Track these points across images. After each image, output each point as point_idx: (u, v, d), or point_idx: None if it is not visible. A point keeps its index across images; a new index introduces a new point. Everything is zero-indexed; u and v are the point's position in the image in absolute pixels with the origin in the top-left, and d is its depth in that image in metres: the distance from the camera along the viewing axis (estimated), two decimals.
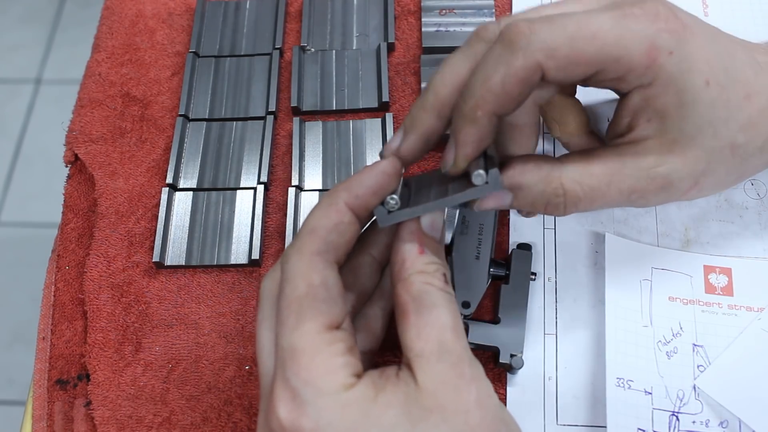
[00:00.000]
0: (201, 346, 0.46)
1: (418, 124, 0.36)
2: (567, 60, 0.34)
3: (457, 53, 0.37)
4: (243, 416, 0.43)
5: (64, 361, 0.46)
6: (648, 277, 0.44)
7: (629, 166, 0.37)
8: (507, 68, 0.33)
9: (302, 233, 0.34)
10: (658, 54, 0.34)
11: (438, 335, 0.32)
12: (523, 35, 0.33)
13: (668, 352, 0.41)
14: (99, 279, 0.48)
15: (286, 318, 0.32)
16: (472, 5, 0.56)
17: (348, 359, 0.32)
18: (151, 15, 0.59)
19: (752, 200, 0.47)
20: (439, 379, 0.31)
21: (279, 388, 0.31)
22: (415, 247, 0.34)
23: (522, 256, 0.44)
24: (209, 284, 0.47)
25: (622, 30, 0.34)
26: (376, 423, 0.30)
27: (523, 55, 0.33)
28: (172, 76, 0.56)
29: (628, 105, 0.37)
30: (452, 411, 0.31)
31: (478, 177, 0.34)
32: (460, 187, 0.35)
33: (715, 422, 0.39)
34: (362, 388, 0.31)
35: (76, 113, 0.55)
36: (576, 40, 0.33)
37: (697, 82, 0.35)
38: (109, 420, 0.44)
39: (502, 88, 0.34)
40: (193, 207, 0.50)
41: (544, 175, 0.37)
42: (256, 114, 0.53)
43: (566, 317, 0.44)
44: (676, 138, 0.36)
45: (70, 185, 0.53)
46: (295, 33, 0.57)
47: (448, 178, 0.37)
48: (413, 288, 0.33)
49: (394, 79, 0.54)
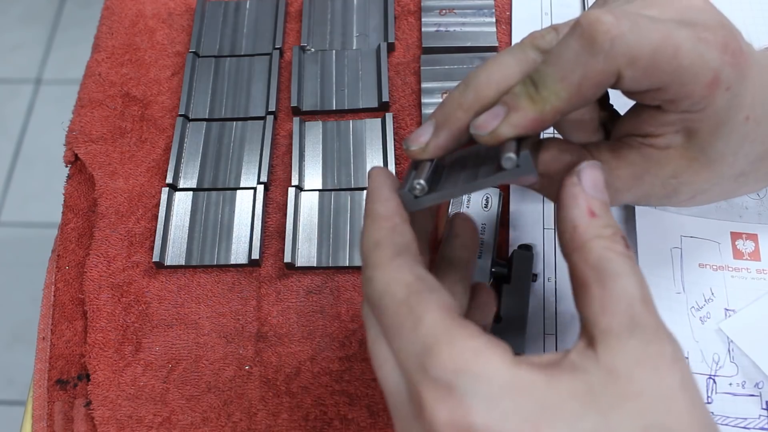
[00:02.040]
0: (201, 346, 0.46)
1: (453, 122, 0.34)
2: (644, 72, 0.31)
3: (506, 55, 0.34)
4: (243, 416, 0.43)
5: (64, 361, 0.46)
6: (678, 245, 0.45)
7: (651, 173, 0.36)
8: (585, 70, 0.31)
9: (370, 249, 0.31)
10: (718, 87, 0.32)
11: (627, 308, 0.27)
12: (608, 36, 0.30)
13: (701, 318, 0.42)
14: (99, 279, 0.48)
15: (402, 323, 0.28)
16: (472, 5, 0.56)
17: (490, 339, 0.28)
18: (151, 15, 0.59)
19: (752, 200, 0.47)
20: (634, 358, 0.26)
21: (426, 391, 0.27)
22: (585, 210, 0.30)
23: (523, 256, 0.44)
24: (209, 284, 0.47)
25: (696, 54, 0.31)
26: (557, 414, 0.25)
27: (605, 58, 0.30)
28: (172, 76, 0.56)
29: (659, 117, 0.35)
30: (652, 397, 0.26)
31: (509, 161, 0.31)
32: (489, 171, 0.32)
33: (750, 384, 0.41)
34: (527, 371, 0.27)
35: (76, 113, 0.55)
36: (659, 53, 0.31)
37: (739, 118, 0.34)
38: (109, 420, 0.44)
39: (578, 90, 0.31)
40: (193, 207, 0.50)
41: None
42: (256, 114, 0.53)
43: (566, 317, 0.44)
44: (697, 157, 0.35)
45: (70, 185, 0.53)
46: (295, 33, 0.57)
47: (481, 159, 0.34)
48: (592, 256, 0.29)
49: (394, 79, 0.54)
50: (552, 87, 0.31)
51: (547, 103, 0.31)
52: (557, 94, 0.31)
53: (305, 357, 0.45)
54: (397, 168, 0.50)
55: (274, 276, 0.47)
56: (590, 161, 0.32)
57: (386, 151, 0.50)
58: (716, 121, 0.34)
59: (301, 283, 0.47)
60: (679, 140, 0.35)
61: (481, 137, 0.32)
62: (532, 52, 0.34)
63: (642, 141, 0.36)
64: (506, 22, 0.55)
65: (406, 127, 0.52)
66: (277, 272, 0.48)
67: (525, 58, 0.34)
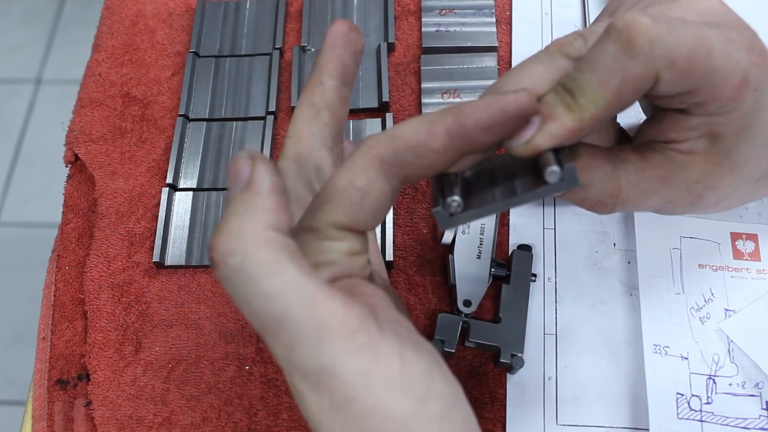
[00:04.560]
0: (201, 346, 0.46)
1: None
2: (681, 74, 0.30)
3: (534, 63, 0.33)
4: (243, 416, 0.43)
5: (64, 361, 0.46)
6: (677, 246, 0.45)
7: (678, 177, 0.35)
8: (625, 74, 0.30)
9: (379, 135, 0.29)
10: (746, 89, 0.32)
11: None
12: (647, 37, 0.29)
13: (701, 318, 0.42)
14: (99, 279, 0.48)
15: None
16: (472, 5, 0.56)
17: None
18: (151, 15, 0.59)
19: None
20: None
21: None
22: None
23: (523, 257, 0.44)
24: (209, 284, 0.47)
25: (727, 55, 0.31)
26: None
27: (645, 61, 0.29)
28: (172, 76, 0.56)
29: (682, 122, 0.34)
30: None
31: (553, 174, 0.29)
32: (529, 184, 0.30)
33: (750, 384, 0.41)
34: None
35: (76, 113, 0.55)
36: (695, 55, 0.30)
37: (764, 119, 0.34)
38: (109, 420, 0.44)
39: (617, 96, 0.30)
40: (193, 207, 0.50)
41: (608, 172, 0.34)
42: (256, 114, 0.53)
43: (566, 317, 0.44)
44: (722, 160, 0.35)
45: (70, 185, 0.53)
46: (295, 33, 0.57)
47: (511, 170, 0.32)
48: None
49: (394, 79, 0.54)
50: (590, 94, 0.30)
51: (586, 110, 0.30)
52: (595, 101, 0.30)
53: None
54: None
55: None
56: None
57: None
58: (743, 123, 0.33)
59: None
60: (702, 145, 0.35)
61: (515, 148, 0.30)
62: (561, 59, 0.33)
63: (665, 146, 0.35)
64: (506, 22, 0.55)
65: None
66: None
67: (554, 66, 0.32)
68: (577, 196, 0.35)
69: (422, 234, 0.48)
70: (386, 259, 0.46)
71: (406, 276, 0.47)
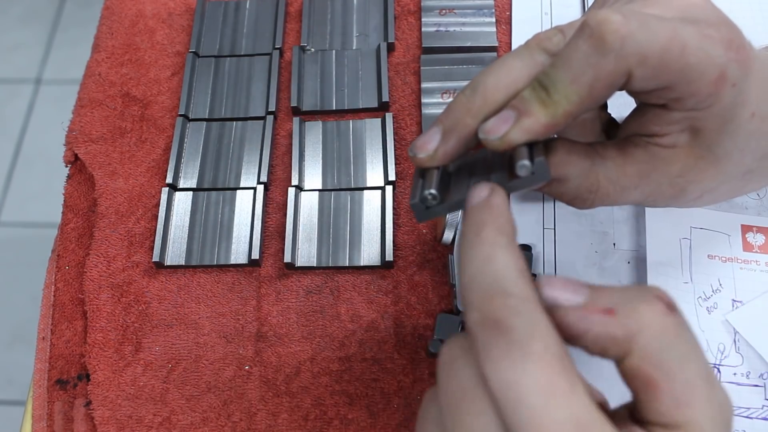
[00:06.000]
0: (201, 346, 0.46)
1: (462, 128, 0.33)
2: (653, 71, 0.31)
3: (513, 58, 0.34)
4: (243, 416, 0.43)
5: (64, 361, 0.46)
6: (687, 236, 0.45)
7: (659, 171, 0.36)
8: (596, 71, 0.30)
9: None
10: (724, 84, 0.32)
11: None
12: (618, 35, 0.30)
13: (708, 308, 0.43)
14: (99, 279, 0.48)
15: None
16: (472, 5, 0.56)
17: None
18: (151, 15, 0.59)
19: (752, 200, 0.47)
20: None
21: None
22: (601, 318, 0.28)
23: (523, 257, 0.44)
24: (209, 284, 0.47)
25: (702, 51, 0.31)
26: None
27: (616, 58, 0.30)
28: (172, 76, 0.56)
29: (664, 117, 0.35)
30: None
31: (523, 168, 0.30)
32: (503, 178, 0.31)
33: (754, 374, 0.41)
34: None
35: (76, 113, 0.55)
36: (668, 51, 0.30)
37: (745, 115, 0.34)
38: (109, 420, 0.44)
39: (590, 93, 0.31)
40: (193, 207, 0.50)
41: (586, 167, 0.35)
42: (256, 114, 0.53)
43: None
44: (704, 155, 0.35)
45: (70, 185, 0.53)
46: (295, 33, 0.57)
47: (490, 164, 0.33)
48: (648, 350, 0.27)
49: (394, 79, 0.54)
50: (563, 91, 0.31)
51: (559, 107, 0.31)
52: (568, 97, 0.31)
53: (305, 357, 0.45)
54: (397, 168, 0.50)
55: (274, 276, 0.47)
56: (541, 283, 0.27)
57: (386, 151, 0.50)
58: (722, 118, 0.34)
59: (300, 283, 0.47)
60: (684, 139, 0.35)
61: (491, 142, 0.32)
62: (539, 54, 0.33)
63: (648, 140, 0.36)
64: (506, 22, 0.55)
65: (406, 127, 0.52)
66: (277, 272, 0.48)
67: (532, 61, 0.33)
68: (555, 190, 0.36)
69: (422, 234, 0.48)
70: (386, 259, 0.46)
71: (407, 276, 0.47)
